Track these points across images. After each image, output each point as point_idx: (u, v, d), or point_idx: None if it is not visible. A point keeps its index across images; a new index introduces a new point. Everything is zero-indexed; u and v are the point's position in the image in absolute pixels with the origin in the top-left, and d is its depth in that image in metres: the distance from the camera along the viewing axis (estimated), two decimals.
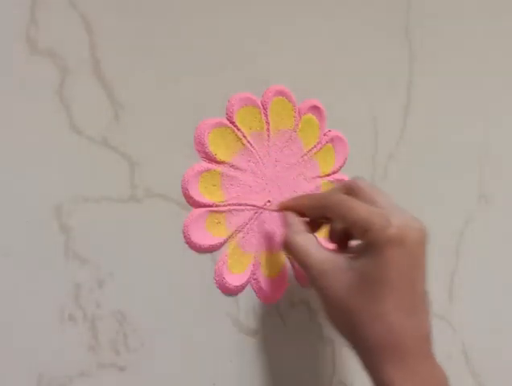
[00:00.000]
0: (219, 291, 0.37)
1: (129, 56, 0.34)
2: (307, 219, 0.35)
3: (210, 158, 0.36)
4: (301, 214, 0.35)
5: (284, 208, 0.36)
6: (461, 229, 0.52)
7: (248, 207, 0.38)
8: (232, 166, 0.37)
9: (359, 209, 0.30)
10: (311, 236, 0.33)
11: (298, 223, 0.34)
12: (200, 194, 0.36)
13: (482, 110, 0.54)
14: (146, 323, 0.34)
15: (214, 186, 0.37)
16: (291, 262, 0.40)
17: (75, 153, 0.32)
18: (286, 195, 0.40)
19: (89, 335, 0.32)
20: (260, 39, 0.40)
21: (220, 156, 0.37)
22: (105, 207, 0.33)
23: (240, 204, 0.38)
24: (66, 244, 0.32)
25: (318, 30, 0.43)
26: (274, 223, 0.39)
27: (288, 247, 0.33)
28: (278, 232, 0.40)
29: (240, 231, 0.38)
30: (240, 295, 0.38)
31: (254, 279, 0.38)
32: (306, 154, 0.41)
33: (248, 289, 0.38)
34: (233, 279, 0.37)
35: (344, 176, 0.43)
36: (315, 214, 0.35)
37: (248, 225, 0.38)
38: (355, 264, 0.30)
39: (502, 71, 0.55)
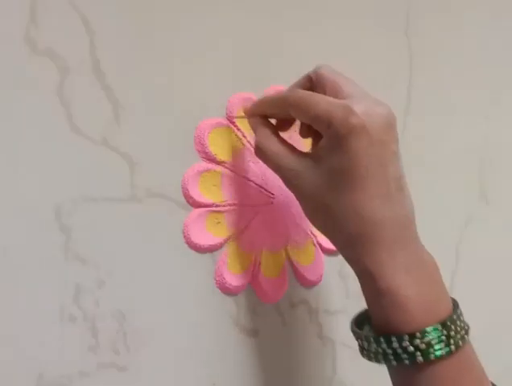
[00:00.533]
0: (219, 291, 0.37)
1: (129, 56, 0.34)
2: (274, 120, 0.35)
3: (210, 158, 0.36)
4: (268, 116, 0.34)
5: (250, 114, 0.35)
6: (461, 229, 0.52)
7: (248, 207, 0.38)
8: (232, 166, 0.37)
9: (318, 103, 0.29)
10: (279, 138, 0.33)
11: (265, 127, 0.33)
12: (200, 194, 0.36)
13: (482, 110, 0.54)
14: (146, 323, 0.34)
15: (214, 186, 0.37)
16: (291, 262, 0.40)
17: (75, 153, 0.32)
18: (287, 194, 0.40)
19: (89, 335, 0.32)
20: (260, 39, 0.40)
21: (220, 156, 0.37)
22: (105, 207, 0.33)
23: (240, 204, 0.38)
24: (66, 245, 0.32)
25: (318, 30, 0.43)
26: (274, 223, 0.39)
27: (259, 153, 0.33)
28: (277, 231, 0.40)
29: (240, 231, 0.38)
30: (240, 295, 0.38)
31: (254, 279, 0.38)
32: None
33: (248, 289, 0.38)
34: (233, 279, 0.37)
35: None
36: (280, 115, 0.34)
37: (248, 225, 0.38)
38: (322, 159, 0.29)
39: (502, 72, 0.55)
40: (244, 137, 0.38)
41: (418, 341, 0.27)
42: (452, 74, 0.51)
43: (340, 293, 0.43)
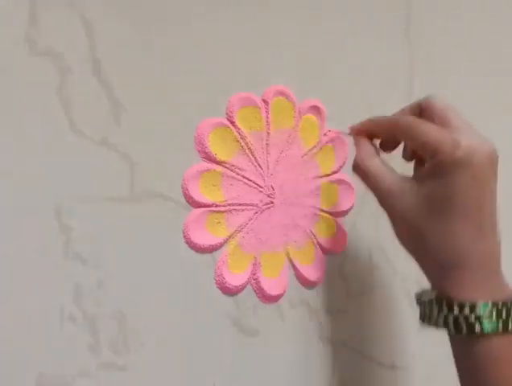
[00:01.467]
0: (219, 291, 0.37)
1: (129, 56, 0.34)
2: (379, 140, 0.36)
3: (210, 158, 0.36)
4: (373, 137, 0.35)
5: (356, 132, 0.36)
6: None
7: (248, 207, 0.38)
8: (232, 166, 0.37)
9: (428, 132, 0.30)
10: (380, 159, 0.34)
11: (368, 146, 0.35)
12: (200, 194, 0.36)
13: (482, 110, 0.54)
14: (146, 323, 0.34)
15: (214, 186, 0.37)
16: (291, 262, 0.40)
17: (75, 153, 0.32)
18: (287, 195, 0.40)
19: (89, 335, 0.32)
20: (260, 39, 0.40)
21: (220, 156, 0.37)
22: (105, 207, 0.33)
23: (240, 204, 0.38)
24: (66, 244, 0.32)
25: (318, 30, 0.43)
26: (274, 223, 0.39)
27: (358, 170, 0.34)
28: (277, 231, 0.40)
29: (240, 231, 0.38)
30: (240, 295, 0.38)
31: (254, 279, 0.38)
32: (306, 154, 0.41)
33: (248, 289, 0.38)
34: (233, 279, 0.37)
35: (345, 176, 0.43)
36: (386, 137, 0.35)
37: (248, 225, 0.38)
38: (423, 186, 0.31)
39: (503, 71, 0.55)
40: (244, 137, 0.38)
41: (478, 310, 0.29)
42: (452, 74, 0.51)
43: (340, 293, 0.43)
